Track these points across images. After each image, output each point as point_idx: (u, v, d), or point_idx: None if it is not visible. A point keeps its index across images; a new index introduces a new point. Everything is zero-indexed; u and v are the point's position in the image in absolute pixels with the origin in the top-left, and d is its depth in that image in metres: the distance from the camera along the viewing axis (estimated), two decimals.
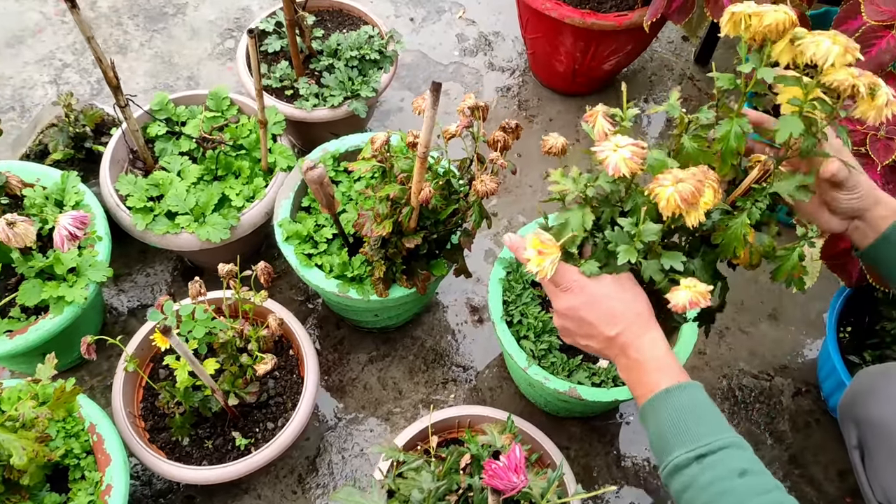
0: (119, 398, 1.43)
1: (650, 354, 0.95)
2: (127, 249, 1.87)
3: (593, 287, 0.97)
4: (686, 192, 0.88)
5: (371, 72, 1.82)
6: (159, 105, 1.72)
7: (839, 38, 0.86)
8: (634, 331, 0.96)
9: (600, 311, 0.97)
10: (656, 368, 0.94)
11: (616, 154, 0.90)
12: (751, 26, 0.93)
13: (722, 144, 0.99)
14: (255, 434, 1.47)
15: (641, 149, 0.92)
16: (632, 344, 0.96)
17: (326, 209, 1.38)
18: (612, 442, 1.71)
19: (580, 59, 1.97)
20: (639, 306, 0.97)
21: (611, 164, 0.90)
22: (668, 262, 0.95)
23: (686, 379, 0.94)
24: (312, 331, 1.81)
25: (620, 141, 0.91)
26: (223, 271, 1.31)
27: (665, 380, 0.93)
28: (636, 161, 0.90)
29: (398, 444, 1.38)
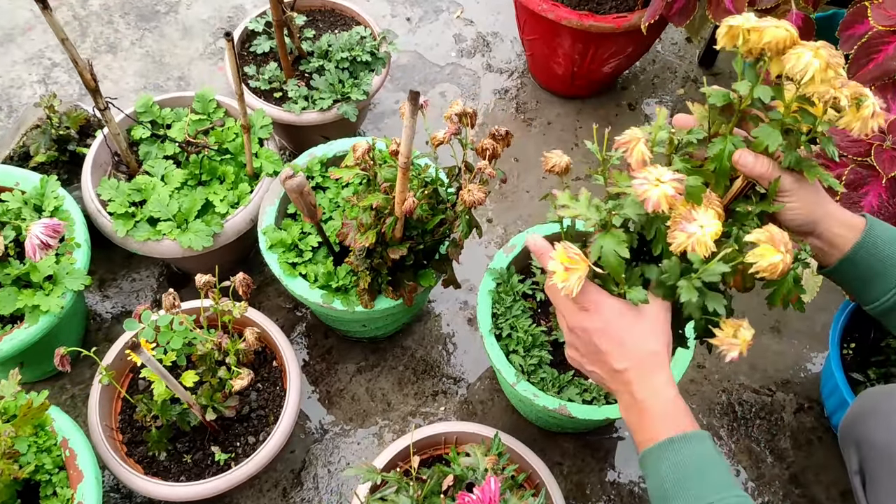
0: (95, 410, 1.39)
1: (656, 398, 0.88)
2: (112, 254, 1.83)
3: (612, 313, 0.90)
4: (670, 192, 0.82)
5: (362, 74, 1.77)
6: (144, 107, 1.67)
7: (821, 52, 0.81)
8: (643, 370, 0.89)
9: (613, 340, 0.90)
10: (661, 415, 0.88)
11: (658, 190, 0.82)
12: (749, 41, 0.87)
13: (715, 164, 0.93)
14: (235, 449, 1.43)
15: (680, 182, 0.84)
16: (637, 383, 0.89)
17: (308, 218, 1.33)
18: (606, 458, 1.65)
19: (579, 62, 1.91)
20: (656, 344, 0.90)
21: (651, 201, 0.82)
22: (711, 303, 0.88)
23: (692, 427, 0.87)
24: (300, 339, 1.77)
25: (662, 175, 0.83)
26: (200, 282, 1.26)
27: (669, 428, 0.87)
28: (677, 198, 0.83)
29: (380, 463, 1.33)
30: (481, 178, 1.30)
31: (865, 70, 1.27)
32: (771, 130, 0.88)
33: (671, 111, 2.16)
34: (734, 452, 1.66)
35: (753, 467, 1.65)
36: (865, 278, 0.99)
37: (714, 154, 0.93)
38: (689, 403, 1.71)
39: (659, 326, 0.90)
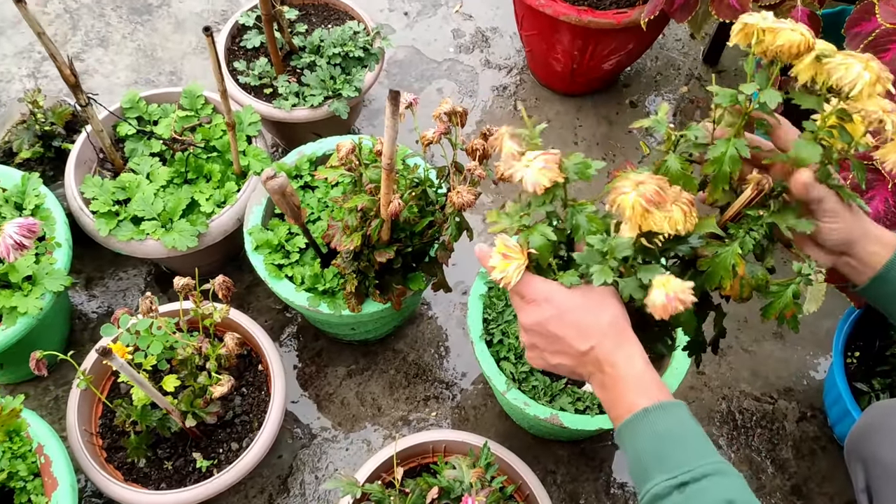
0: (74, 415, 1.35)
1: (627, 370, 0.85)
2: (100, 252, 1.78)
3: (561, 297, 0.88)
4: (650, 192, 0.79)
5: (355, 70, 1.72)
6: (130, 103, 1.63)
7: (872, 65, 0.76)
8: (608, 344, 0.86)
9: (569, 323, 0.87)
10: (634, 386, 0.85)
11: (529, 169, 0.82)
12: (763, 41, 0.82)
13: (714, 168, 0.89)
14: (218, 455, 1.39)
15: (553, 156, 0.83)
16: (606, 359, 0.86)
17: (293, 220, 1.29)
18: (601, 467, 1.61)
19: (578, 59, 1.86)
20: (611, 316, 0.87)
21: (529, 181, 0.82)
22: (646, 275, 0.84)
23: (667, 397, 0.84)
24: (290, 341, 1.73)
25: (529, 156, 0.83)
26: (179, 285, 1.22)
27: (643, 399, 0.84)
28: (552, 168, 0.82)
29: (364, 473, 1.29)
30: (471, 180, 1.26)
31: None
32: (808, 143, 0.83)
33: (675, 109, 2.11)
34: (734, 462, 1.61)
35: (754, 477, 1.60)
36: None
37: (715, 157, 0.88)
38: None
39: (608, 298, 0.88)
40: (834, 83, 0.78)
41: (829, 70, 0.79)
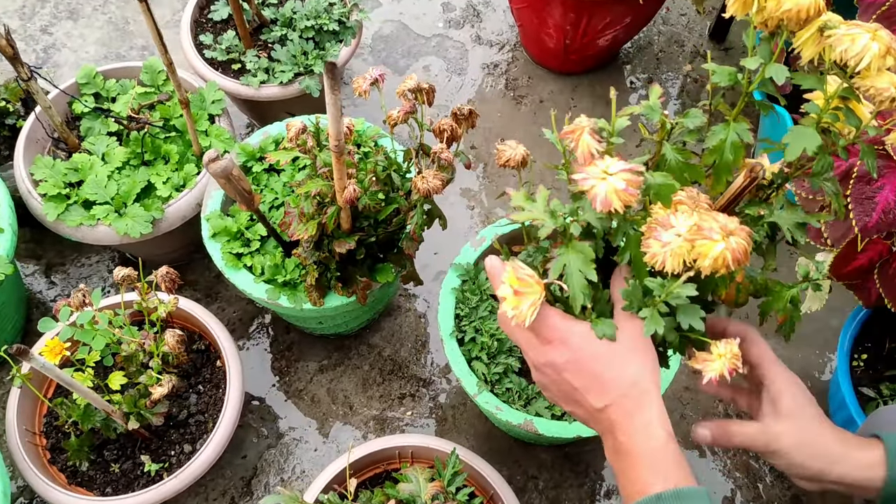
0: (13, 413, 1.26)
1: (642, 443, 0.73)
2: (61, 237, 1.69)
3: (581, 342, 0.74)
4: (740, 251, 0.65)
5: (329, 45, 1.60)
6: (86, 78, 1.53)
7: (881, 35, 0.64)
8: (627, 407, 0.74)
9: (587, 374, 0.75)
10: (649, 463, 0.72)
11: (605, 184, 0.66)
12: (765, 9, 0.69)
13: (715, 157, 0.76)
14: (169, 458, 1.30)
15: (637, 174, 0.68)
16: (621, 425, 0.74)
17: (245, 206, 1.18)
18: (586, 472, 1.50)
19: (571, 34, 1.73)
20: (636, 373, 0.74)
21: (598, 198, 0.66)
22: (686, 319, 0.72)
23: (686, 482, 0.71)
24: (259, 334, 1.63)
25: (610, 166, 0.67)
26: (118, 276, 1.12)
27: (658, 481, 0.71)
28: (631, 192, 0.67)
29: (322, 482, 1.19)
30: (439, 164, 1.14)
31: None
32: (805, 130, 0.70)
33: (679, 89, 1.98)
34: (730, 469, 1.50)
35: (751, 486, 1.49)
36: None
37: (714, 145, 0.75)
38: (682, 412, 1.56)
39: (640, 349, 0.74)
40: (838, 57, 0.66)
41: (832, 42, 0.67)
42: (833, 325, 1.64)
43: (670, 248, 0.66)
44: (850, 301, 1.51)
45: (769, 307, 0.83)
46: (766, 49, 0.73)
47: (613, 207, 0.66)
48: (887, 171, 1.04)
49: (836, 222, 1.13)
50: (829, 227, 1.15)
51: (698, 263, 0.66)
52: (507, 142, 0.91)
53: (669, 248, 0.66)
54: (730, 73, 0.75)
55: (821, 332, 1.64)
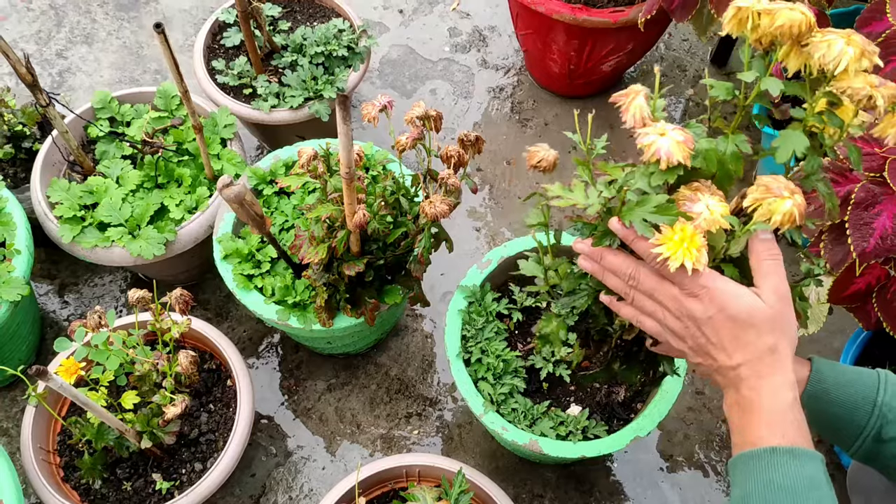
0: (29, 432, 1.29)
1: (768, 401, 0.74)
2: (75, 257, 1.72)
3: (726, 302, 0.75)
4: (803, 207, 0.71)
5: (338, 70, 1.64)
6: (101, 103, 1.56)
7: (854, 39, 0.67)
8: (758, 369, 0.75)
9: (727, 332, 0.76)
10: (770, 419, 0.74)
11: (666, 139, 0.72)
12: (759, 26, 0.74)
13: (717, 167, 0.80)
14: (180, 476, 1.32)
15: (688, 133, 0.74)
16: (749, 381, 0.75)
17: (256, 230, 1.21)
18: (591, 491, 1.52)
19: (575, 59, 1.77)
20: (774, 341, 0.75)
21: (662, 150, 0.71)
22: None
23: (805, 444, 0.73)
24: (269, 353, 1.65)
25: (665, 126, 0.73)
26: (133, 298, 1.15)
27: (776, 436, 0.73)
28: (690, 146, 0.73)
29: (332, 500, 1.21)
30: (446, 189, 1.17)
31: (882, 73, 1.12)
32: (794, 133, 0.74)
33: (682, 112, 2.01)
34: None
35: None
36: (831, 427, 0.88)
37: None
38: (686, 432, 1.58)
39: (782, 317, 0.76)
40: (817, 63, 0.70)
41: (810, 49, 0.70)
42: (835, 346, 1.66)
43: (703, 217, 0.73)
44: (851, 323, 1.53)
45: None
46: (759, 64, 0.76)
47: (676, 159, 0.72)
48: (885, 198, 1.07)
49: (834, 247, 1.16)
50: (828, 252, 1.17)
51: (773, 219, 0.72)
52: (539, 144, 0.94)
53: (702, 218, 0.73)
54: (727, 88, 0.79)
55: (823, 353, 1.66)
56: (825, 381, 0.87)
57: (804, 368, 0.88)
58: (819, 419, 0.88)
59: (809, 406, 0.86)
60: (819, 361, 0.89)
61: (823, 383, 0.87)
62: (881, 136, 0.75)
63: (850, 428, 0.86)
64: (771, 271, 0.76)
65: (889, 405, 0.85)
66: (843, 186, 1.14)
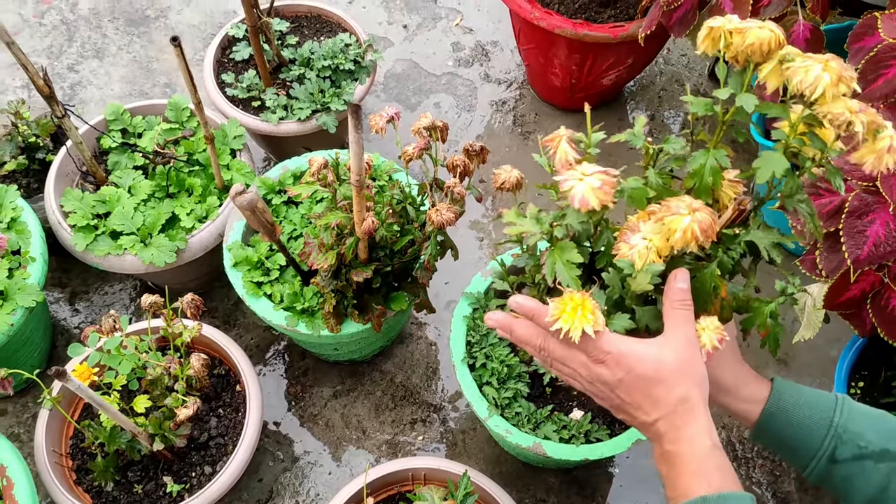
0: (42, 435, 1.31)
1: (688, 452, 0.77)
2: (86, 266, 1.75)
3: (632, 361, 0.78)
4: (705, 224, 0.74)
5: (345, 83, 1.68)
6: (114, 115, 1.60)
7: (831, 66, 0.71)
8: (674, 421, 0.78)
9: (638, 392, 0.79)
10: (695, 469, 0.77)
11: (582, 184, 0.75)
12: (731, 45, 0.78)
13: (695, 180, 0.84)
14: (190, 479, 1.35)
15: (612, 177, 0.77)
16: (668, 435, 0.78)
17: (267, 237, 1.24)
18: (594, 496, 1.54)
19: (576, 73, 1.81)
20: (687, 389, 0.78)
21: (577, 197, 0.75)
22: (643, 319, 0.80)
23: (731, 487, 0.76)
24: (276, 360, 1.68)
25: (587, 169, 0.77)
26: (146, 303, 1.18)
27: (703, 485, 0.75)
28: (606, 192, 0.76)
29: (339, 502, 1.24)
30: (452, 197, 1.21)
31: (874, 86, 1.16)
32: (774, 155, 0.77)
33: (680, 126, 2.05)
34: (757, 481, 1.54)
35: (776, 498, 1.53)
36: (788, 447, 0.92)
37: (694, 169, 0.83)
38: None
39: (688, 366, 0.79)
40: (794, 88, 0.73)
41: (789, 74, 0.74)
42: (832, 354, 1.69)
43: (636, 249, 0.76)
44: (847, 331, 1.56)
45: (751, 323, 0.89)
46: (736, 81, 0.80)
47: (591, 205, 0.75)
48: (877, 207, 1.10)
49: (830, 254, 1.19)
50: (824, 260, 1.20)
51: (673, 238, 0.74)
52: (502, 166, 0.99)
53: (636, 250, 0.76)
54: (706, 104, 0.83)
55: (820, 361, 1.69)
56: (784, 401, 0.91)
57: (764, 388, 0.92)
58: (776, 438, 0.92)
59: (767, 425, 0.91)
60: (780, 382, 0.93)
61: (782, 402, 0.91)
62: (859, 163, 0.76)
63: (805, 448, 0.90)
64: (681, 321, 0.80)
65: (844, 427, 0.88)
66: (837, 197, 1.17)
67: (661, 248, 0.78)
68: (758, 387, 0.93)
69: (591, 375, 0.82)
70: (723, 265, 0.85)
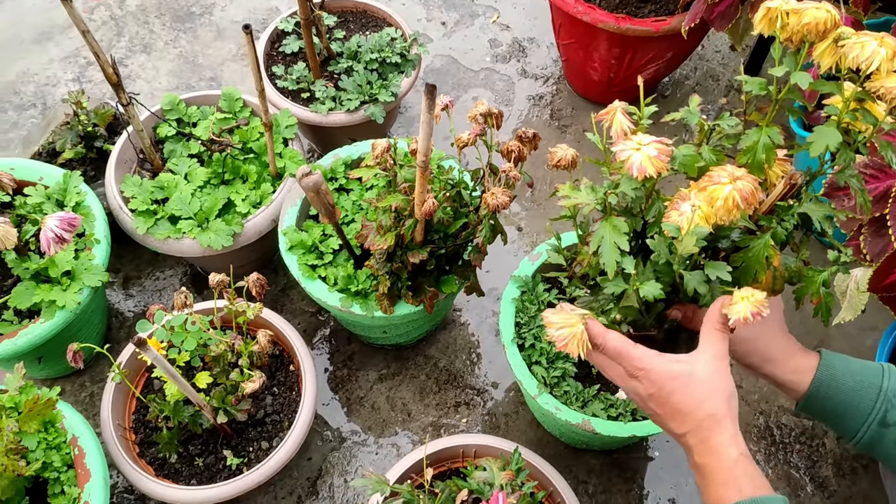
0: (108, 409, 1.36)
1: (715, 463, 0.81)
2: (138, 252, 1.82)
3: (662, 379, 0.84)
4: (746, 191, 0.77)
5: (391, 76, 1.73)
6: (170, 105, 1.66)
7: (887, 41, 0.74)
8: (702, 434, 0.82)
9: (667, 408, 0.84)
10: (724, 479, 0.80)
11: (639, 153, 0.79)
12: (787, 25, 0.82)
13: (748, 157, 0.87)
14: (248, 453, 1.39)
15: (666, 145, 0.81)
16: (697, 448, 0.83)
17: (327, 219, 1.29)
18: (634, 478, 1.58)
19: (615, 67, 1.85)
20: (714, 405, 0.82)
21: (635, 165, 0.79)
22: (713, 272, 0.83)
23: (762, 491, 0.79)
24: (322, 344, 1.73)
25: (643, 139, 0.81)
26: (214, 281, 1.23)
27: (733, 493, 0.79)
28: (662, 159, 0.79)
29: (394, 475, 1.28)
30: (506, 182, 1.25)
31: None
32: (828, 129, 0.81)
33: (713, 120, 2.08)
34: (772, 479, 1.57)
35: (792, 495, 1.56)
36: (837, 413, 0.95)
37: (747, 146, 0.87)
38: None
39: (715, 381, 0.83)
40: (851, 63, 0.77)
41: (845, 50, 0.78)
42: (867, 343, 1.72)
43: (686, 216, 0.79)
44: (884, 320, 1.59)
45: (803, 292, 0.92)
46: (791, 60, 0.84)
47: (648, 173, 0.78)
48: None
49: (874, 238, 1.22)
50: (868, 243, 1.23)
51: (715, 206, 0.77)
52: (558, 145, 1.03)
53: (685, 216, 0.79)
54: (760, 83, 0.86)
55: (857, 350, 1.72)
56: (834, 369, 0.94)
57: (812, 359, 0.96)
58: (827, 406, 0.95)
59: (818, 392, 0.94)
60: (828, 353, 0.97)
61: (832, 370, 0.94)
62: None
63: (856, 413, 0.93)
64: (716, 340, 0.84)
65: (894, 390, 0.92)
66: (883, 182, 1.21)
67: (708, 214, 0.82)
68: (805, 358, 0.96)
69: (626, 387, 0.88)
70: (776, 236, 0.89)
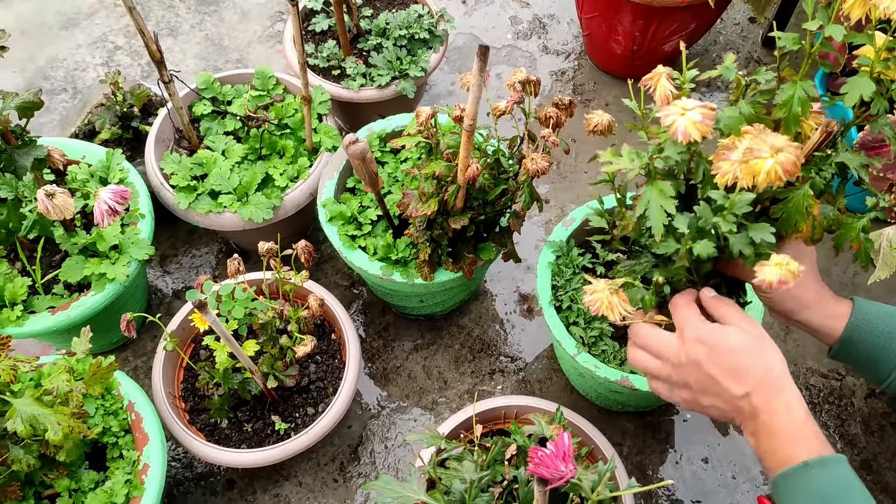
0: (159, 378, 1.40)
1: (785, 420, 0.82)
2: (174, 230, 1.85)
3: (717, 339, 0.86)
4: (788, 164, 0.78)
5: (420, 52, 1.76)
6: (205, 84, 1.69)
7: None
8: (765, 392, 0.83)
9: (726, 365, 0.85)
10: (793, 438, 0.81)
11: (684, 118, 0.81)
12: None
13: (784, 110, 0.90)
14: (294, 419, 1.43)
15: (710, 109, 0.84)
16: (762, 407, 0.83)
17: (370, 187, 1.33)
18: (667, 440, 1.62)
19: (639, 40, 1.88)
20: (770, 362, 0.84)
21: (679, 129, 0.81)
22: (757, 234, 0.85)
23: (829, 451, 0.81)
24: (357, 317, 1.77)
25: (687, 104, 0.83)
26: (263, 249, 1.27)
27: (803, 452, 0.80)
28: (707, 124, 0.82)
29: (443, 431, 1.32)
30: (544, 148, 1.28)
31: None
32: (861, 79, 0.84)
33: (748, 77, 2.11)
34: None
35: None
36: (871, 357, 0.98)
37: (783, 100, 0.89)
38: None
39: (764, 339, 0.87)
40: (882, 13, 0.79)
41: (875, 2, 0.80)
42: None
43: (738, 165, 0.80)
44: None
45: (842, 238, 0.95)
46: (823, 14, 0.86)
47: (693, 137, 0.81)
48: None
49: None
50: None
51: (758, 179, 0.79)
52: (594, 111, 1.06)
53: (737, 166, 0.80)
54: (794, 38, 0.89)
55: None
56: (868, 313, 0.97)
57: (845, 305, 0.98)
58: (860, 350, 0.97)
59: (853, 336, 0.97)
60: (860, 299, 0.99)
61: (866, 314, 0.97)
62: None
63: (889, 355, 0.96)
64: (731, 311, 0.88)
65: None
66: None
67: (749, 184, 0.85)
68: (838, 304, 0.99)
69: (679, 357, 0.89)
70: (815, 185, 0.92)
